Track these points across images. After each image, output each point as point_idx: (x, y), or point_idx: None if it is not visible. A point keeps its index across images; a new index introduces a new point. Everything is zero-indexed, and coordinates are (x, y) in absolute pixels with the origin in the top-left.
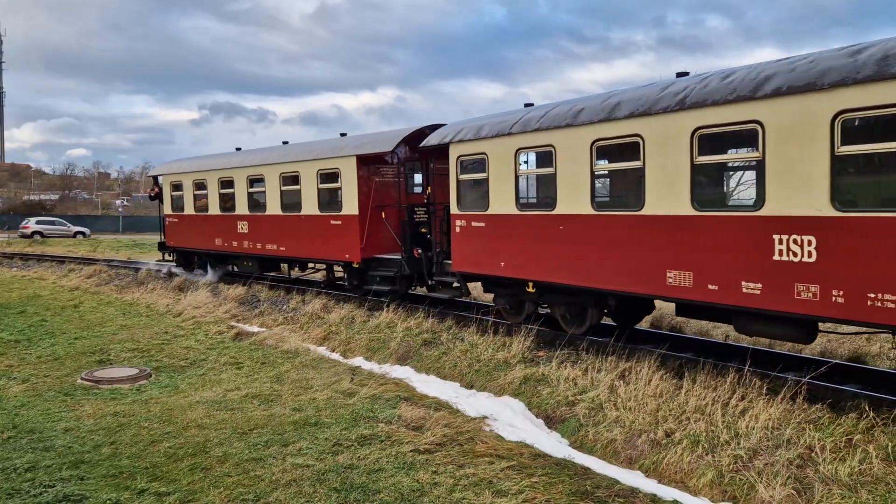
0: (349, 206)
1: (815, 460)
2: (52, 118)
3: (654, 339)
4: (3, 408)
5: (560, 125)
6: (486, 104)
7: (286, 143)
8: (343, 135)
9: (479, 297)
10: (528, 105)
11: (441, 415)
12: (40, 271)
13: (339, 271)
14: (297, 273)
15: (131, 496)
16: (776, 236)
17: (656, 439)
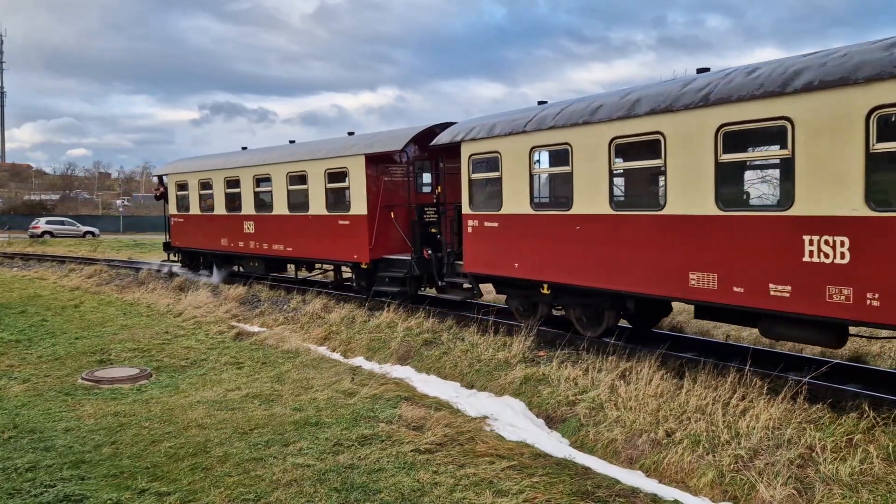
0: (358, 206)
1: (815, 460)
2: (53, 118)
3: (655, 339)
4: (3, 408)
5: (577, 122)
6: (486, 104)
7: (293, 142)
8: (351, 133)
9: (487, 297)
10: (542, 102)
11: (441, 415)
12: (41, 271)
13: (347, 272)
14: (304, 274)
15: (132, 496)
16: (806, 237)
17: (657, 439)
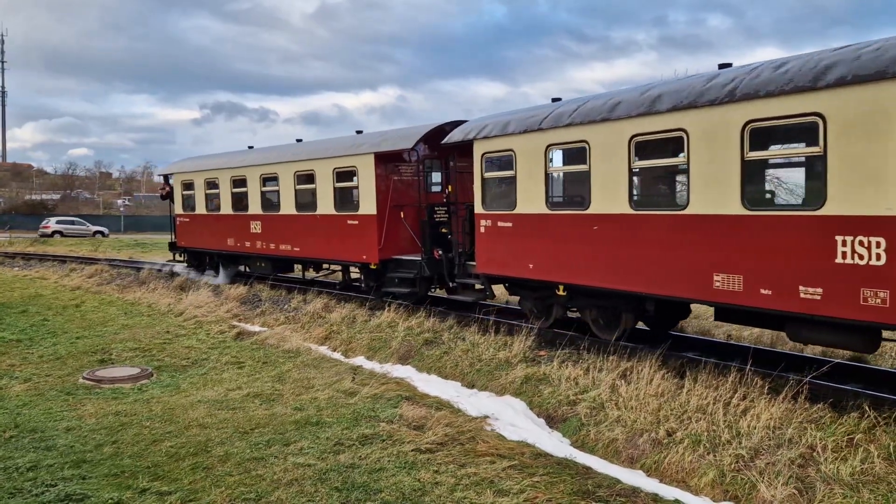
0: (367, 206)
1: (816, 460)
2: (54, 118)
3: (656, 339)
4: (5, 407)
5: (595, 120)
6: (486, 104)
7: (300, 140)
8: (359, 132)
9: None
10: (556, 100)
11: (442, 414)
12: (42, 271)
13: (356, 273)
14: (311, 274)
15: (133, 495)
16: (839, 237)
17: (658, 439)
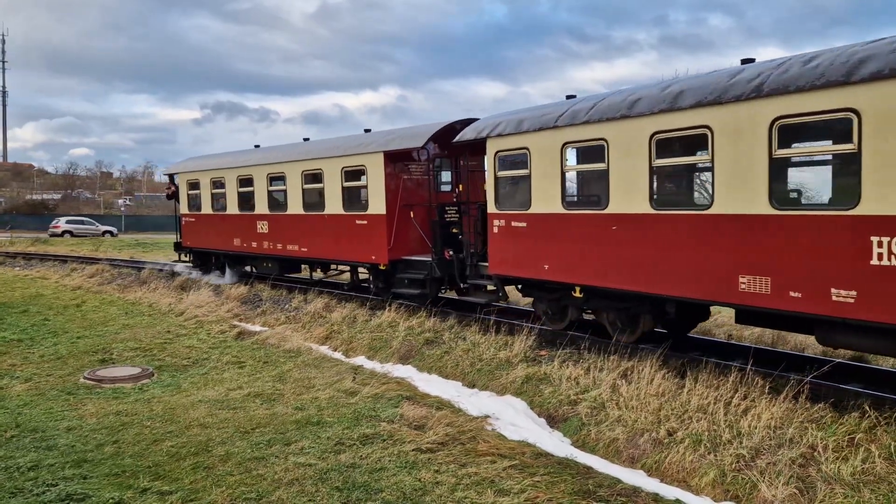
0: (376, 205)
1: (817, 459)
2: (54, 118)
3: (656, 339)
4: (6, 407)
5: (613, 117)
6: (487, 103)
7: (307, 139)
8: (367, 131)
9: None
10: (571, 97)
11: (443, 414)
12: (43, 270)
13: (364, 273)
14: (319, 275)
15: (134, 495)
16: (875, 238)
17: (658, 438)
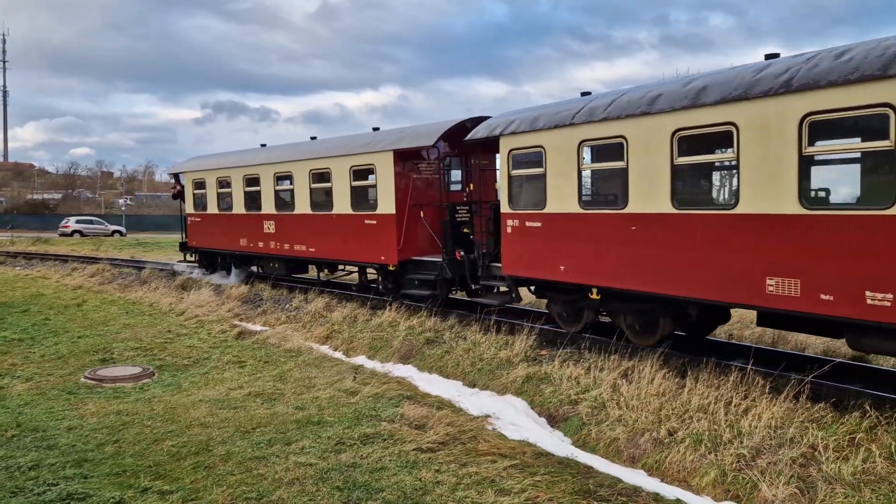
0: (385, 205)
1: (818, 459)
2: (55, 117)
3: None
4: (6, 406)
5: (633, 113)
6: (488, 103)
7: (314, 138)
8: (376, 129)
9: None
10: (585, 94)
11: (443, 413)
12: (43, 270)
13: (373, 274)
14: (326, 275)
15: (134, 494)
16: None
17: (659, 438)
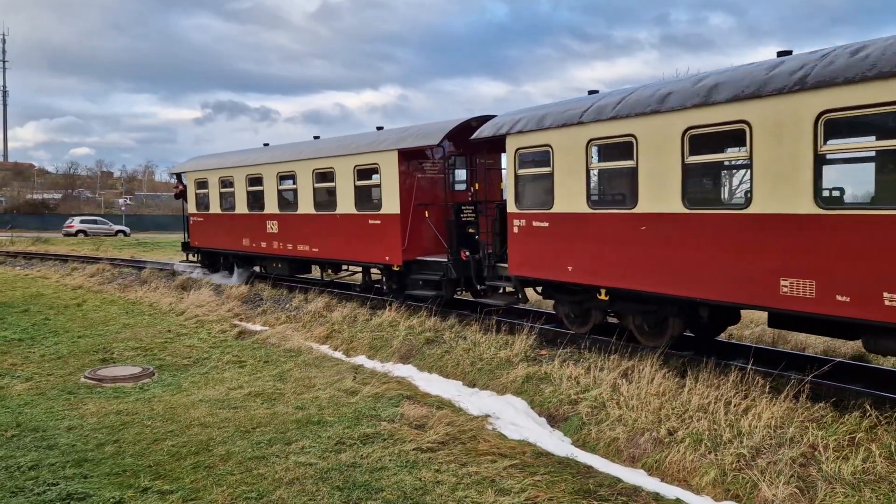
0: (389, 205)
1: (818, 459)
2: (55, 117)
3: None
4: (6, 406)
5: (643, 112)
6: (488, 103)
7: (317, 137)
8: (380, 128)
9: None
10: (593, 92)
11: (443, 413)
12: (43, 270)
13: (377, 274)
14: (330, 276)
15: (134, 494)
16: None
17: (659, 438)
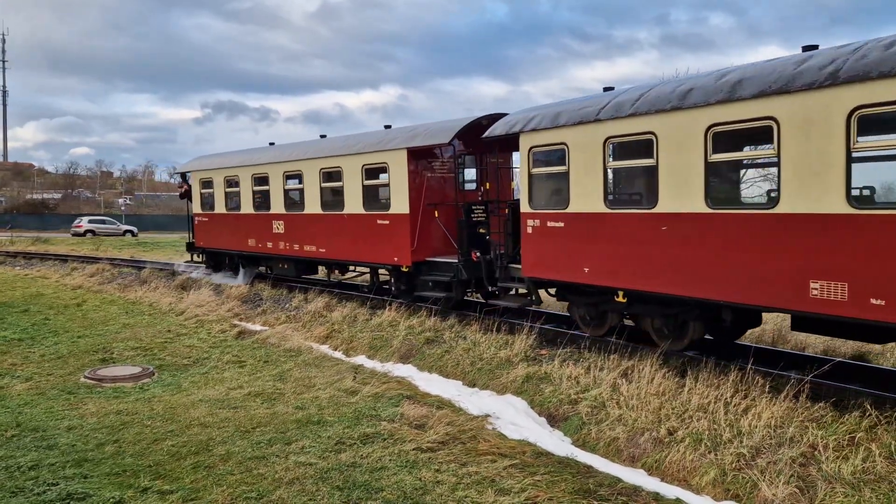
0: (399, 205)
1: (818, 459)
2: (55, 117)
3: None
4: (6, 406)
5: (663, 108)
6: (488, 103)
7: (324, 136)
8: (388, 127)
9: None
10: (608, 89)
11: (443, 413)
12: (43, 270)
13: (385, 275)
14: (337, 276)
15: (134, 494)
16: None
17: (659, 438)
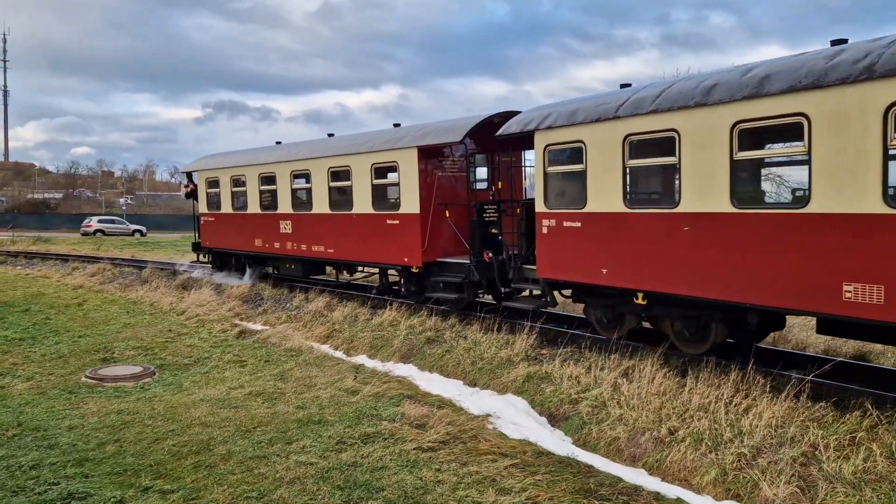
0: (409, 204)
1: (818, 458)
2: (56, 117)
3: (657, 337)
4: (7, 406)
5: (686, 105)
6: (489, 102)
7: (331, 135)
8: (397, 125)
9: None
10: (625, 86)
11: (444, 413)
12: (44, 270)
13: (395, 276)
14: (345, 277)
15: (135, 493)
16: None
17: (660, 437)
